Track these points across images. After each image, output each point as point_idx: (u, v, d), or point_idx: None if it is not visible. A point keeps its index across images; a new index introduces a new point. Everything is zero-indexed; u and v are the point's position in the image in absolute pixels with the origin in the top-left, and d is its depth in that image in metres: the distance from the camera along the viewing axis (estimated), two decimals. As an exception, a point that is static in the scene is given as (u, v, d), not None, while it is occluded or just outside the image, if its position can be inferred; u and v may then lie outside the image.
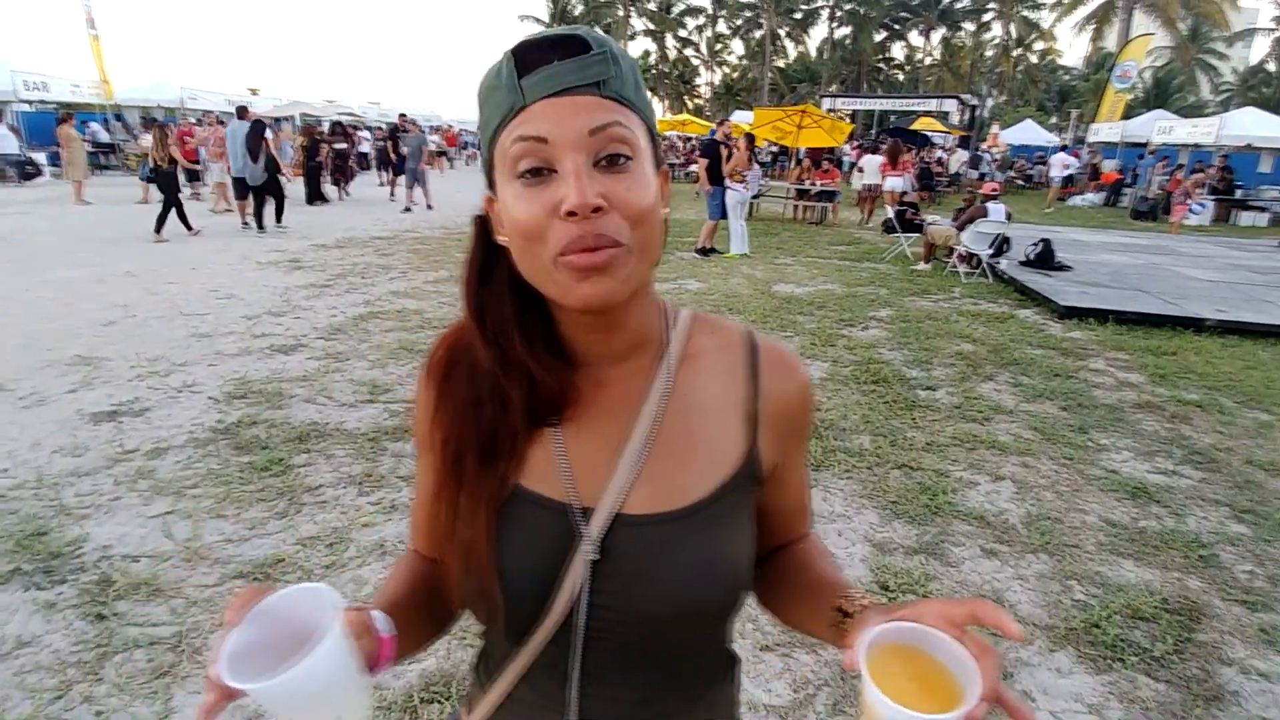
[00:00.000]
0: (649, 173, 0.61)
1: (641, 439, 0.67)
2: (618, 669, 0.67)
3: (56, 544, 2.78)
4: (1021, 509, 3.40)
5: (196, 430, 3.82)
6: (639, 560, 0.64)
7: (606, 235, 0.57)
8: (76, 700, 2.05)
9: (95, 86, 18.84)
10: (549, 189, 0.57)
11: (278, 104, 24.76)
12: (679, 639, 0.67)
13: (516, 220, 0.59)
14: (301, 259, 8.70)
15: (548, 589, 0.65)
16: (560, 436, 0.68)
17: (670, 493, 0.66)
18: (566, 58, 0.57)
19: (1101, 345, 6.28)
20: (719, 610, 0.68)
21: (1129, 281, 8.82)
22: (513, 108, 0.58)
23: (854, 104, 32.42)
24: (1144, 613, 2.64)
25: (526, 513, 0.66)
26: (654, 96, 59.84)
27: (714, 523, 0.67)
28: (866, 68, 52.33)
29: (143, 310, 6.13)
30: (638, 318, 0.68)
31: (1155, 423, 4.56)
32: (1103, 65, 38.03)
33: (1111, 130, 22.39)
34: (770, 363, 0.73)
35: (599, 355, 0.69)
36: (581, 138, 0.57)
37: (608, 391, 0.69)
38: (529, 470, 0.67)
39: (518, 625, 0.67)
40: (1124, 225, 16.58)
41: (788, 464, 0.75)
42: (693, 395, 0.70)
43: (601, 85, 0.58)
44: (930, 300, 7.81)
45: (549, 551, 0.65)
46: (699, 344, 0.73)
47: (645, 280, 0.64)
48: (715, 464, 0.68)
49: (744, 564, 0.69)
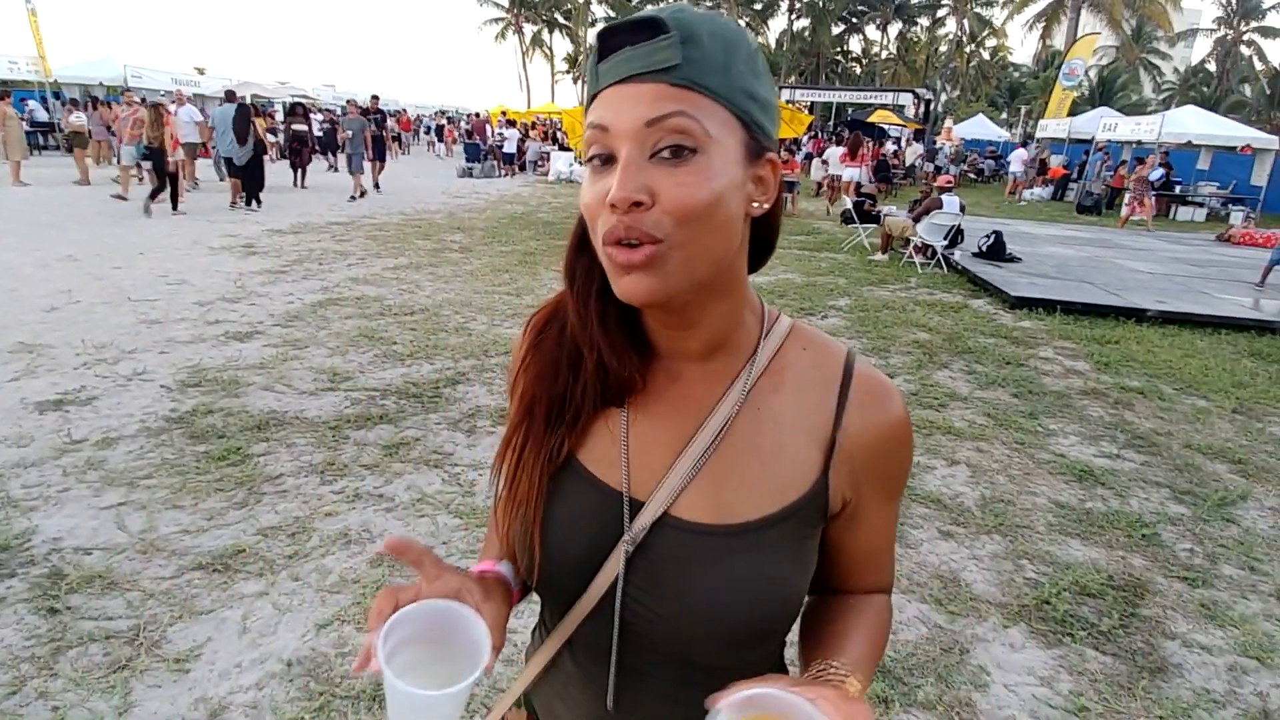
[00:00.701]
0: (718, 166, 0.57)
1: (705, 443, 0.65)
2: (651, 665, 0.68)
3: (3, 537, 2.67)
4: (976, 492, 3.52)
5: (149, 419, 3.70)
6: (677, 564, 0.63)
7: (642, 230, 0.55)
8: (31, 695, 1.99)
9: (33, 63, 17.96)
10: (606, 177, 0.57)
11: (226, 84, 23.92)
12: (707, 649, 0.65)
13: (582, 202, 0.60)
14: (256, 244, 8.46)
15: (587, 568, 0.66)
16: (626, 421, 0.67)
17: (723, 505, 0.64)
18: (640, 42, 0.56)
19: (1050, 334, 6.50)
20: (752, 634, 0.64)
21: (1075, 273, 9.13)
22: (591, 92, 0.60)
23: (812, 96, 32.71)
24: (1091, 589, 2.76)
25: (579, 489, 0.68)
26: (615, 84, 59.49)
27: (764, 546, 0.64)
28: (825, 60, 52.85)
29: (88, 296, 5.89)
30: (717, 319, 0.65)
31: (1100, 409, 4.74)
32: (1051, 63, 39.11)
33: (1059, 126, 23.04)
34: (862, 392, 0.67)
35: (677, 350, 0.67)
36: (638, 128, 0.55)
37: (682, 388, 0.67)
38: (589, 448, 0.68)
39: (555, 595, 0.70)
40: (1070, 219, 17.12)
41: (864, 506, 0.69)
42: (770, 410, 0.66)
43: (670, 71, 0.55)
44: (887, 290, 7.97)
45: (593, 532, 0.66)
46: (790, 357, 0.69)
47: (715, 278, 0.61)
48: (779, 486, 0.65)
49: (788, 595, 0.65)
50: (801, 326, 0.71)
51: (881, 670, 2.28)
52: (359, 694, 2.07)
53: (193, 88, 21.92)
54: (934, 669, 2.32)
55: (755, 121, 0.59)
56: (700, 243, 0.57)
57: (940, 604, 2.65)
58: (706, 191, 0.56)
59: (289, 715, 2.00)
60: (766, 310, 0.70)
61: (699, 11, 0.57)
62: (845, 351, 0.70)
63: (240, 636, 2.29)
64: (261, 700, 2.05)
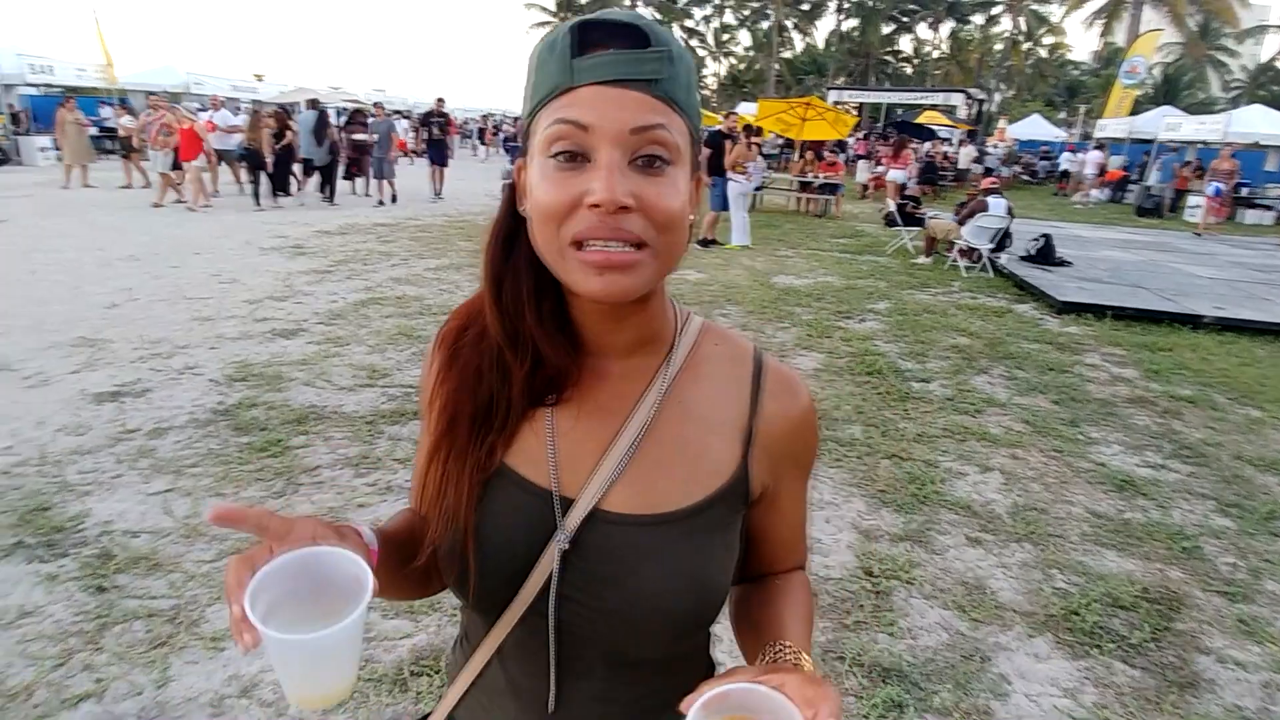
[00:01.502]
0: (683, 178, 0.60)
1: (631, 438, 0.67)
2: (590, 663, 0.68)
3: (59, 519, 2.84)
4: (1008, 499, 3.45)
5: (197, 411, 3.88)
6: (609, 558, 0.65)
7: (630, 232, 0.56)
8: (77, 668, 2.12)
9: (100, 70, 18.84)
10: (580, 176, 0.56)
11: (283, 90, 24.72)
12: (648, 642, 0.66)
13: (540, 199, 0.58)
14: (304, 245, 8.74)
15: (520, 569, 0.66)
16: (553, 421, 0.68)
17: (651, 496, 0.66)
18: (625, 47, 0.56)
19: (1098, 340, 6.31)
20: (686, 620, 0.66)
21: (1128, 278, 8.84)
22: (559, 86, 0.57)
23: (860, 97, 32.25)
24: (1123, 601, 2.69)
25: (509, 493, 0.67)
26: (660, 87, 59.51)
27: (692, 534, 0.66)
28: (874, 60, 52.05)
29: (146, 293, 6.18)
30: (648, 315, 0.68)
31: (1147, 417, 4.59)
32: (1112, 61, 37.83)
33: (1118, 126, 22.26)
34: (774, 383, 0.72)
35: (605, 347, 0.68)
36: (623, 133, 0.56)
37: (607, 385, 0.69)
38: (518, 450, 0.68)
39: (488, 600, 0.68)
40: (1129, 222, 16.54)
41: (782, 490, 0.73)
42: (691, 403, 0.69)
43: (654, 84, 0.56)
44: (929, 294, 7.83)
45: (525, 534, 0.66)
46: (705, 352, 0.72)
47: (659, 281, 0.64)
48: (703, 475, 0.67)
49: (718, 580, 0.68)
50: (710, 324, 0.75)
51: (897, 674, 2.27)
52: (380, 677, 2.14)
53: (250, 93, 22.72)
54: (953, 675, 2.29)
55: (698, 137, 0.63)
56: (672, 249, 0.60)
57: (963, 610, 2.61)
58: (679, 202, 0.59)
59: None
60: (678, 308, 0.73)
61: (664, 27, 0.60)
62: (753, 347, 0.74)
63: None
64: (289, 680, 2.14)
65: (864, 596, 2.65)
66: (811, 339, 5.82)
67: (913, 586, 2.74)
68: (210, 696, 2.06)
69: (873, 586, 2.72)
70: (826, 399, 4.53)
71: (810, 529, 3.09)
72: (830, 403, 4.47)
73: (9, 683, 2.04)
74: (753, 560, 0.77)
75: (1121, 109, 22.59)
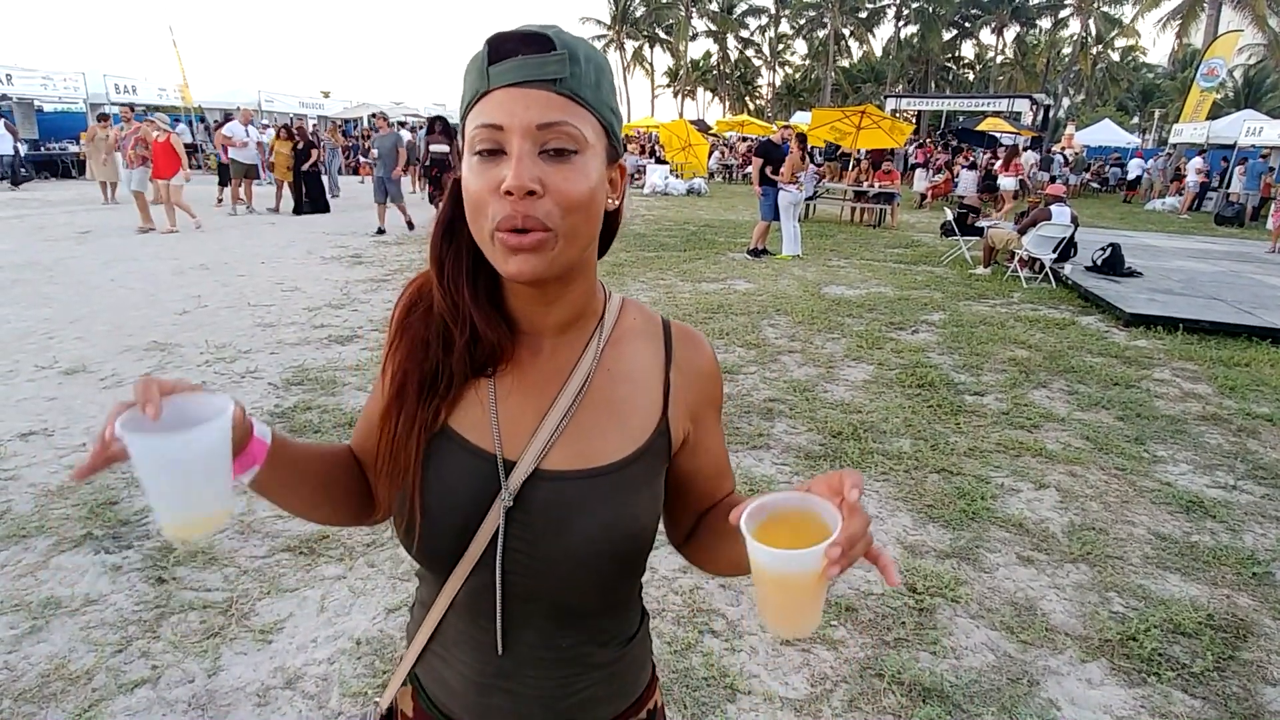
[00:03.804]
0: (593, 166, 0.66)
1: (567, 403, 0.74)
2: (536, 613, 0.75)
3: (125, 512, 2.99)
4: (1064, 518, 3.31)
5: (255, 413, 4.03)
6: (551, 512, 0.72)
7: (535, 218, 0.63)
8: (135, 655, 2.22)
9: (178, 90, 19.90)
10: (497, 167, 0.63)
11: (347, 106, 25.66)
12: (584, 588, 0.74)
13: (468, 191, 0.66)
14: (363, 254, 9.03)
15: (466, 525, 0.72)
16: (495, 391, 0.75)
17: (587, 454, 0.73)
18: (531, 53, 0.63)
19: (1168, 355, 6.02)
20: (621, 564, 0.74)
21: (1204, 289, 8.41)
22: (479, 91, 0.65)
23: (919, 105, 31.55)
24: (1186, 628, 2.55)
25: (454, 455, 0.74)
26: (714, 97, 59.66)
27: (623, 485, 0.74)
28: (934, 67, 51.03)
29: (214, 301, 6.48)
30: (576, 295, 0.75)
31: (1219, 436, 4.35)
32: (1189, 63, 36.17)
33: (1195, 131, 21.27)
34: (680, 339, 0.82)
35: (538, 325, 0.75)
36: (530, 128, 0.62)
37: (543, 358, 0.76)
38: (462, 416, 0.75)
39: (436, 554, 0.75)
40: (1206, 231, 15.76)
41: (701, 430, 0.82)
42: (619, 367, 0.78)
43: (558, 83, 0.63)
44: (987, 305, 7.60)
45: (471, 493, 0.72)
46: (628, 323, 0.81)
47: (579, 262, 0.71)
48: (632, 431, 0.76)
49: (648, 523, 0.77)
50: (629, 300, 0.84)
51: (938, 694, 2.20)
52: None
53: (317, 109, 23.64)
54: (998, 698, 2.21)
55: (614, 132, 0.70)
56: (579, 230, 0.67)
57: (1012, 632, 2.52)
58: (585, 187, 0.65)
59: (354, 689, 2.14)
60: (604, 288, 0.82)
61: (575, 35, 0.67)
62: (660, 315, 0.84)
63: (318, 614, 2.46)
64: (332, 673, 2.20)
65: (906, 613, 2.58)
66: (862, 350, 5.72)
67: (958, 605, 2.65)
68: (257, 687, 2.14)
69: (916, 603, 2.64)
70: (874, 410, 4.44)
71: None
72: (879, 415, 4.38)
73: (71, 666, 2.16)
74: (691, 499, 0.85)
75: (1199, 113, 21.58)
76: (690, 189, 19.07)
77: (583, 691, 0.79)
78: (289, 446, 0.74)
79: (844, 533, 0.58)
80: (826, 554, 0.58)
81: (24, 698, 2.03)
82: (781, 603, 0.64)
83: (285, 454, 0.73)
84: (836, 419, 4.27)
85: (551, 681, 0.77)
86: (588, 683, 0.79)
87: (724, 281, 8.17)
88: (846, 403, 4.58)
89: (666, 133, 22.52)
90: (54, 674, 2.13)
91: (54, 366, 4.66)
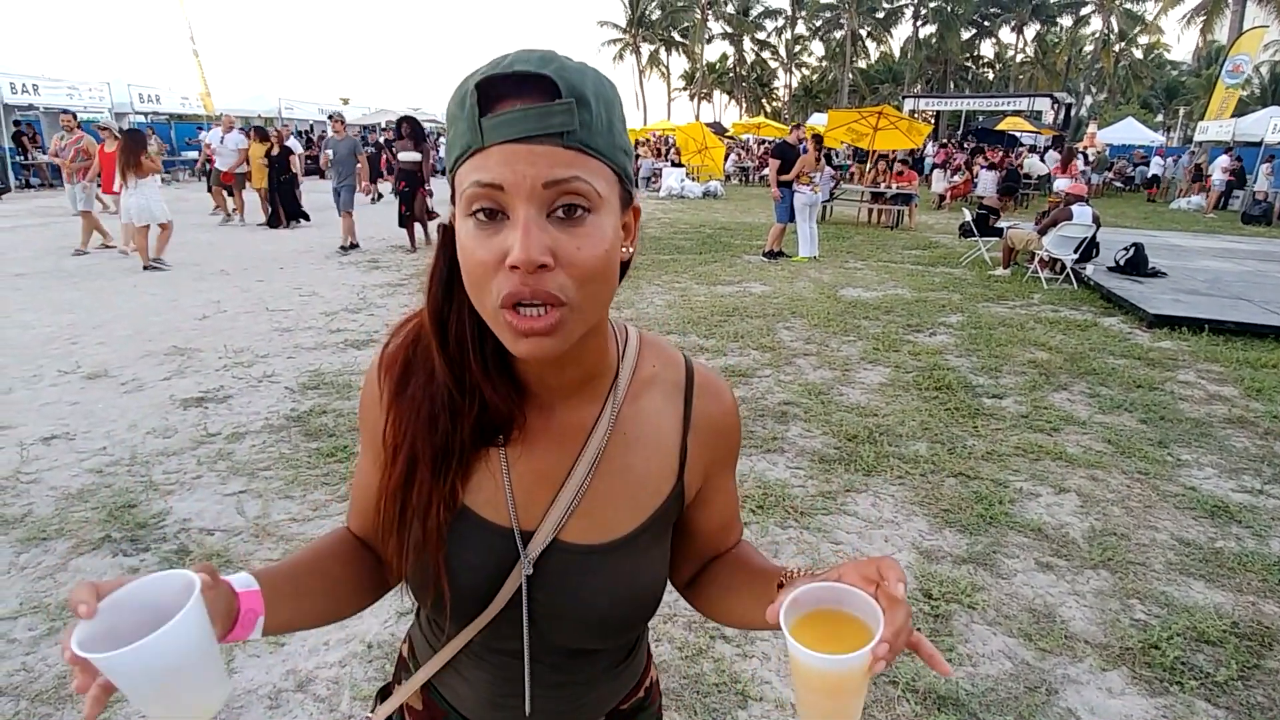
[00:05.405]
0: (608, 224, 0.59)
1: (583, 474, 0.71)
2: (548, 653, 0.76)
3: (143, 516, 3.02)
4: (1085, 523, 3.25)
5: (272, 417, 4.07)
6: (566, 579, 0.71)
7: (548, 293, 0.56)
8: (150, 657, 2.24)
9: (200, 98, 20.22)
10: (500, 235, 0.56)
11: (365, 112, 25.92)
12: (596, 639, 0.75)
13: (467, 260, 0.58)
14: (380, 260, 9.10)
15: (488, 593, 0.72)
16: (506, 459, 0.71)
17: (604, 526, 0.72)
18: (532, 100, 0.55)
19: (1193, 356, 5.90)
20: (634, 622, 0.76)
21: (1230, 289, 8.25)
22: (470, 146, 0.56)
23: (937, 105, 31.28)
24: (1210, 636, 2.49)
25: (471, 534, 0.71)
26: (730, 100, 59.61)
27: (636, 552, 0.73)
28: (953, 67, 50.63)
29: (233, 306, 6.56)
30: (588, 355, 0.69)
31: (1246, 439, 4.26)
32: (1214, 60, 35.58)
33: (1221, 129, 20.89)
34: (702, 390, 0.77)
35: (550, 386, 0.70)
36: (536, 189, 0.55)
37: (556, 420, 0.71)
38: (474, 490, 0.71)
39: (460, 614, 0.74)
40: (1233, 230, 15.48)
41: (714, 484, 0.80)
42: (634, 430, 0.73)
43: (565, 135, 0.55)
44: (1006, 306, 7.51)
45: (491, 567, 0.71)
46: (645, 374, 0.75)
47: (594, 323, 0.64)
48: (648, 496, 0.73)
49: (655, 585, 0.76)
50: (648, 338, 0.78)
51: (954, 703, 2.16)
52: (427, 680, 2.19)
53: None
54: (1015, 707, 2.17)
55: (627, 174, 0.62)
56: (597, 299, 0.60)
57: (1030, 639, 2.47)
58: (602, 251, 0.58)
59: (365, 692, 2.14)
60: (615, 327, 0.75)
61: (577, 65, 0.58)
62: (683, 358, 0.79)
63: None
64: (343, 676, 2.21)
65: (921, 620, 2.55)
66: (878, 352, 5.66)
67: (975, 611, 2.61)
68: (269, 689, 2.15)
69: (931, 609, 2.60)
70: (890, 414, 4.39)
71: (865, 545, 2.99)
72: (895, 418, 4.33)
73: (88, 668, 2.18)
74: (696, 548, 0.83)
75: (1225, 111, 21.21)
76: (706, 192, 19.05)
77: (590, 703, 0.82)
78: (280, 574, 0.70)
79: (889, 628, 0.56)
80: (874, 652, 0.55)
81: (41, 699, 2.06)
82: (828, 705, 0.61)
83: (281, 585, 0.69)
84: (852, 422, 4.23)
85: (561, 700, 0.80)
86: (595, 696, 0.82)
87: (739, 284, 8.14)
88: (862, 406, 4.53)
89: (683, 136, 22.51)
90: (70, 675, 2.14)
91: (76, 371, 4.73)
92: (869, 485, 3.52)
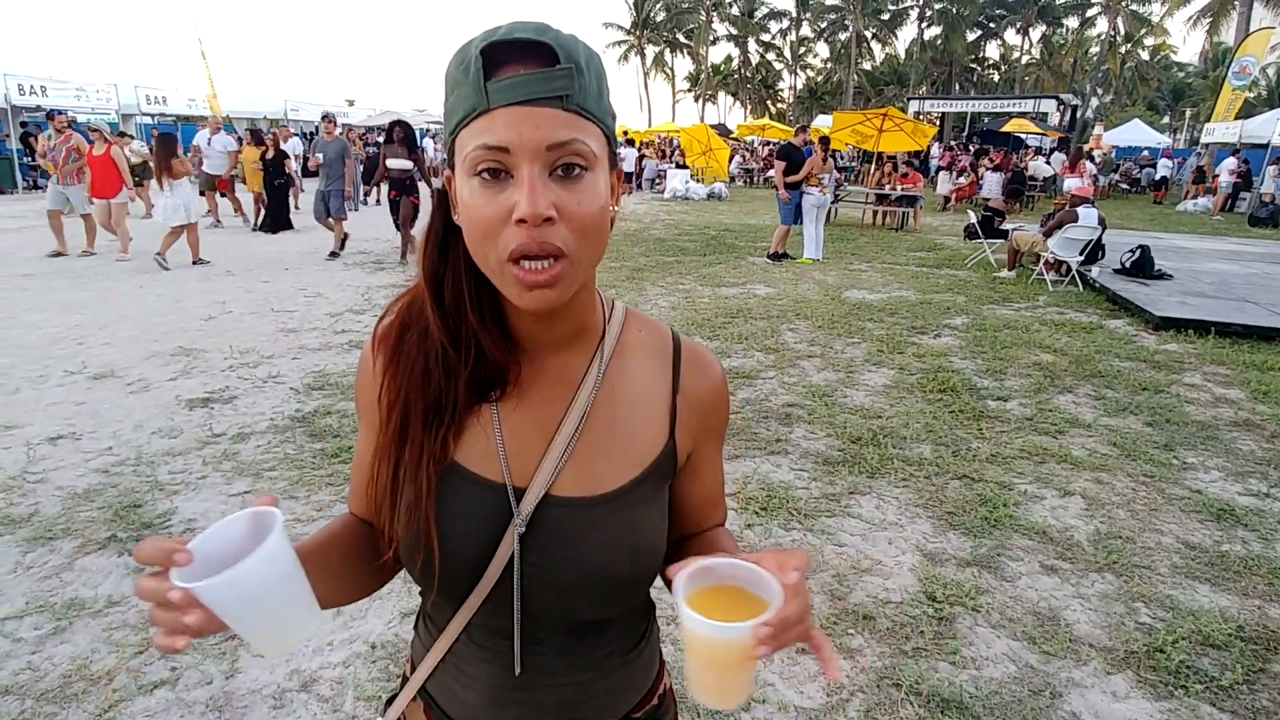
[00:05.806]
0: (601, 182, 0.63)
1: (573, 425, 0.72)
2: (551, 629, 0.74)
3: (149, 515, 3.04)
4: (1090, 526, 3.24)
5: (277, 418, 4.09)
6: (561, 537, 0.70)
7: (553, 244, 0.60)
8: (155, 656, 2.25)
9: (206, 100, 20.28)
10: (505, 192, 0.60)
11: (371, 114, 25.98)
12: (596, 605, 0.73)
13: (473, 217, 0.61)
14: (385, 261, 9.12)
15: (481, 556, 0.70)
16: (498, 414, 0.72)
17: (594, 478, 0.72)
18: (533, 66, 0.59)
19: (1199, 359, 5.88)
20: (630, 583, 0.74)
21: (1236, 292, 8.22)
22: (475, 108, 0.59)
23: (942, 106, 31.20)
24: (1215, 639, 2.48)
25: (463, 490, 0.71)
26: (735, 101, 59.59)
27: (630, 507, 0.72)
28: (958, 68, 50.54)
29: (239, 307, 6.58)
30: (578, 310, 0.72)
31: (1252, 442, 4.24)
32: (1221, 61, 35.44)
33: (1228, 130, 20.81)
34: (690, 361, 0.79)
35: (540, 342, 0.73)
36: (540, 150, 0.59)
37: (545, 376, 0.73)
38: (466, 447, 0.72)
39: (453, 586, 0.72)
40: (1240, 232, 15.41)
41: (701, 456, 0.81)
42: (622, 386, 0.75)
43: (565, 99, 0.59)
44: (1011, 309, 7.49)
45: (483, 526, 0.70)
46: (631, 337, 0.78)
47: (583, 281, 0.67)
48: (638, 453, 0.74)
49: (655, 544, 0.75)
50: (633, 311, 0.81)
51: (957, 705, 2.15)
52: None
53: (342, 117, 23.92)
54: (1019, 710, 2.16)
55: (613, 136, 0.66)
56: (593, 252, 0.65)
57: (1034, 642, 2.47)
58: (599, 205, 0.63)
59: (369, 693, 2.15)
60: (603, 297, 0.78)
61: (569, 34, 0.62)
62: (670, 329, 0.82)
63: (334, 618, 2.47)
64: (347, 676, 2.21)
65: (925, 622, 2.54)
66: (882, 354, 5.65)
67: (979, 614, 2.61)
68: (273, 689, 2.15)
69: (935, 612, 2.60)
70: (894, 415, 4.39)
71: (868, 547, 2.99)
72: (899, 420, 4.32)
73: (93, 667, 2.19)
74: (679, 523, 0.82)
75: (1231, 112, 21.13)
76: (711, 194, 19.05)
77: (598, 695, 0.79)
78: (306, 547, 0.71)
79: (779, 614, 0.57)
80: (755, 632, 0.56)
81: (46, 698, 2.07)
82: (704, 672, 0.62)
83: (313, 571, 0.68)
84: (856, 424, 4.23)
85: (567, 689, 0.77)
86: (603, 686, 0.79)
87: (744, 286, 8.14)
88: (866, 408, 4.53)
89: (687, 137, 22.52)
90: (76, 674, 2.16)
91: (83, 371, 4.76)
92: (873, 487, 3.51)
